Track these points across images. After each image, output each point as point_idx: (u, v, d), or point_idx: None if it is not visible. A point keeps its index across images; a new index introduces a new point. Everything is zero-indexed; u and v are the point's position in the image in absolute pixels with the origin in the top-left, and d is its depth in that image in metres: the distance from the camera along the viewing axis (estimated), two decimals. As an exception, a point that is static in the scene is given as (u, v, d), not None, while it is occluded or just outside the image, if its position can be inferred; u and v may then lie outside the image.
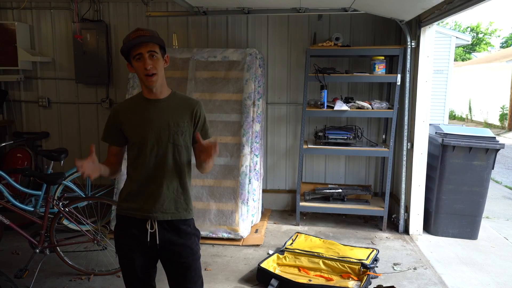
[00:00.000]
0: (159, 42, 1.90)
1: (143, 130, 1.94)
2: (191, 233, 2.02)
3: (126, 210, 1.99)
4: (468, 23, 40.09)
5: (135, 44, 1.84)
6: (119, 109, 2.01)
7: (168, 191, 1.96)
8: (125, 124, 1.97)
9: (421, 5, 3.73)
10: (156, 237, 1.94)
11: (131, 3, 5.09)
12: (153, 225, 1.94)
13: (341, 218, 4.98)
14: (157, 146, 1.94)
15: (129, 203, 1.98)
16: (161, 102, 1.98)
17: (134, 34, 1.86)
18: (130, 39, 1.85)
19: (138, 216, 1.95)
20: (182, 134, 1.97)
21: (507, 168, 8.74)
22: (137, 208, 1.95)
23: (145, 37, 1.84)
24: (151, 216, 1.94)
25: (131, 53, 1.88)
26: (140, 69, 1.87)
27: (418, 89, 4.26)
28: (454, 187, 4.28)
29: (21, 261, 3.55)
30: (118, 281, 3.38)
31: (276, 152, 5.22)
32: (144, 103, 1.98)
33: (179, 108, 1.99)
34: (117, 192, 4.30)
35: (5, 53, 5.00)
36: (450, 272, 3.61)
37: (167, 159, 1.95)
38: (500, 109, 15.50)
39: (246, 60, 4.41)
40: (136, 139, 1.96)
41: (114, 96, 5.27)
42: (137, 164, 1.98)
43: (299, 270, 3.51)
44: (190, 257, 2.00)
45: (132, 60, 1.89)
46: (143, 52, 1.85)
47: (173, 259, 1.99)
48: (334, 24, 4.93)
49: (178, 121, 1.96)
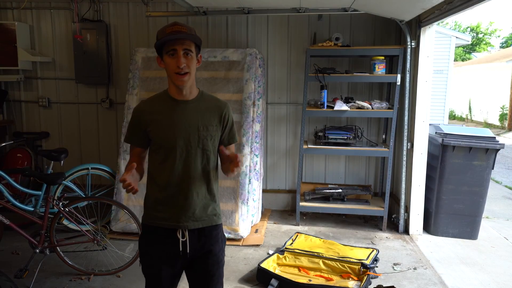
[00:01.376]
0: (196, 40, 1.79)
1: (172, 134, 1.83)
2: (219, 239, 1.96)
3: (154, 220, 1.88)
4: (468, 23, 40.12)
5: (171, 40, 1.73)
6: (144, 109, 1.88)
7: (198, 198, 1.87)
8: (151, 126, 1.85)
9: (421, 5, 3.73)
10: (187, 246, 1.86)
11: (131, 3, 5.09)
12: (184, 234, 1.85)
13: (341, 218, 4.98)
14: (186, 151, 1.83)
15: (157, 212, 1.87)
16: (190, 104, 1.86)
17: (171, 28, 1.75)
18: (166, 33, 1.74)
19: (167, 226, 1.85)
20: (211, 139, 1.88)
21: (507, 168, 8.74)
22: (166, 217, 1.84)
23: (183, 34, 1.74)
24: (181, 225, 1.85)
25: (164, 48, 1.76)
26: (172, 66, 1.76)
27: (418, 89, 4.26)
28: (454, 187, 4.28)
29: (21, 261, 3.55)
30: (118, 281, 3.39)
31: (276, 152, 5.22)
32: (172, 103, 1.86)
33: (208, 110, 1.89)
34: (117, 192, 4.30)
35: (5, 53, 4.99)
36: (450, 272, 3.61)
37: (196, 164, 1.85)
38: (500, 109, 15.50)
39: (246, 60, 4.41)
40: (163, 143, 1.85)
41: (114, 96, 5.27)
42: (163, 169, 1.86)
43: (299, 270, 3.51)
44: (216, 265, 1.94)
45: (165, 55, 1.77)
46: (178, 49, 1.74)
47: (200, 268, 1.93)
48: (334, 24, 4.93)
49: (207, 125, 1.86)
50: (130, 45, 5.14)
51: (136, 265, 3.48)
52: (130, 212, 3.52)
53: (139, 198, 4.27)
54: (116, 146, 5.17)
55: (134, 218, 3.48)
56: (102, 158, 5.34)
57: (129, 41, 5.16)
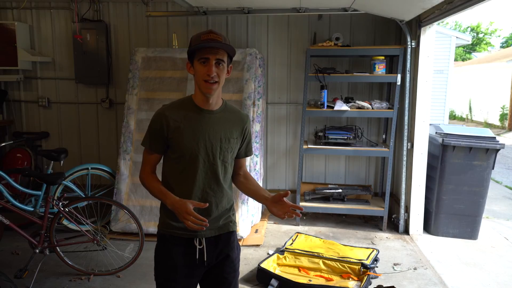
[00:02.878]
0: (230, 51, 1.75)
1: (195, 144, 1.78)
2: (235, 247, 1.95)
3: (171, 229, 1.84)
4: (468, 23, 40.13)
5: (205, 47, 1.69)
6: (168, 115, 1.80)
7: (217, 209, 1.86)
8: (174, 133, 1.79)
9: (421, 5, 3.72)
10: (204, 254, 1.83)
11: (131, 3, 5.09)
12: (201, 241, 1.83)
13: (341, 218, 4.97)
14: (208, 162, 1.81)
15: (174, 222, 1.82)
16: (215, 114, 1.83)
17: (207, 36, 1.71)
18: (201, 39, 1.70)
19: (185, 236, 1.83)
20: (231, 152, 1.86)
21: (507, 168, 8.74)
22: (184, 227, 1.77)
23: (218, 43, 1.69)
24: (199, 234, 1.82)
25: (196, 54, 1.72)
26: (202, 73, 1.72)
27: (418, 89, 4.26)
28: (454, 187, 4.27)
29: (21, 261, 3.55)
30: (118, 281, 3.38)
31: (276, 152, 5.22)
32: (196, 112, 1.81)
33: (231, 123, 1.86)
34: (117, 192, 4.30)
35: (5, 53, 4.99)
36: (450, 272, 3.60)
37: (217, 176, 1.83)
38: (500, 109, 15.50)
39: (246, 60, 4.41)
40: (185, 152, 1.79)
41: (114, 96, 5.27)
42: (183, 179, 1.82)
43: (299, 270, 3.50)
44: (232, 273, 1.92)
45: (195, 61, 1.73)
46: (211, 58, 1.70)
47: (217, 275, 1.90)
48: (334, 24, 4.92)
49: (229, 137, 1.84)
50: (130, 45, 5.13)
51: (136, 265, 3.49)
52: (130, 212, 3.52)
53: (139, 198, 4.27)
54: (116, 146, 5.17)
55: (134, 218, 3.48)
56: (102, 158, 5.34)
57: (129, 41, 5.16)
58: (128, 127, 4.44)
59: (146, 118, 4.42)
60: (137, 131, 4.43)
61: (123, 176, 4.33)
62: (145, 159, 1.89)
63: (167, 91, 4.45)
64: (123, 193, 4.30)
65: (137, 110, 4.47)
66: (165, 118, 1.79)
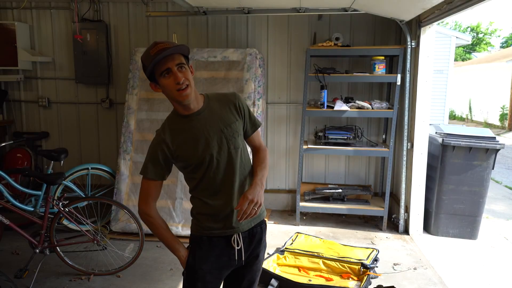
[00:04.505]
0: (184, 51, 1.71)
1: (202, 150, 1.76)
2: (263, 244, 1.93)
3: (205, 230, 1.82)
4: (468, 23, 40.13)
5: (160, 59, 1.64)
6: (165, 138, 1.77)
7: None
8: (178, 151, 1.77)
9: (421, 5, 3.72)
10: (242, 254, 1.82)
11: (131, 3, 5.09)
12: (239, 241, 1.81)
13: (341, 218, 4.98)
14: (221, 158, 1.78)
15: (208, 223, 1.82)
16: (202, 113, 1.80)
17: (155, 49, 1.64)
18: (151, 55, 1.64)
19: (221, 234, 1.81)
20: (238, 135, 1.82)
21: (507, 168, 8.74)
22: (218, 227, 1.80)
23: (169, 49, 1.63)
24: (235, 230, 1.81)
25: (156, 71, 1.67)
26: (171, 86, 1.67)
27: (418, 89, 4.26)
28: (454, 187, 4.27)
29: (21, 261, 3.55)
30: (118, 281, 3.39)
31: (276, 152, 5.22)
32: (186, 121, 1.78)
33: (222, 109, 1.83)
34: (117, 192, 4.30)
35: (5, 53, 4.99)
36: (450, 272, 3.60)
37: (234, 167, 1.80)
38: (500, 109, 15.49)
39: (246, 60, 4.41)
40: (197, 162, 1.77)
41: (114, 96, 5.27)
42: (204, 185, 1.81)
43: (299, 270, 3.50)
44: (258, 272, 1.92)
45: (159, 79, 1.68)
46: (171, 66, 1.65)
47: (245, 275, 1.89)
48: (334, 24, 4.92)
49: (229, 123, 1.81)
50: (130, 45, 5.14)
51: (136, 265, 3.50)
52: (130, 212, 3.52)
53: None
54: (116, 146, 5.17)
55: (134, 218, 3.49)
56: (102, 158, 5.34)
57: (129, 41, 5.16)
58: (128, 127, 4.44)
59: (146, 118, 4.43)
60: (137, 131, 4.43)
61: (123, 176, 4.34)
62: (146, 189, 1.81)
63: (167, 91, 4.44)
64: (123, 193, 4.30)
65: (137, 110, 4.47)
66: (165, 143, 1.77)
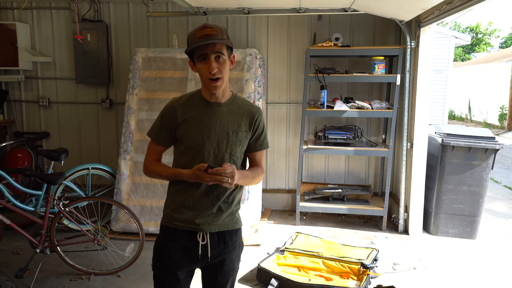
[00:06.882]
0: (227, 42, 1.73)
1: (201, 136, 1.79)
2: (237, 246, 1.93)
3: (174, 221, 1.83)
4: (467, 23, 40.15)
5: (200, 45, 1.68)
6: (177, 107, 1.82)
7: (224, 204, 1.84)
8: (182, 125, 1.81)
9: (420, 5, 3.73)
10: (208, 250, 1.82)
11: (131, 3, 5.10)
12: (205, 237, 1.82)
13: (341, 218, 4.98)
14: (213, 154, 1.80)
15: (178, 214, 1.83)
16: (222, 107, 1.82)
17: (201, 32, 1.69)
18: (196, 37, 1.69)
19: (187, 229, 1.82)
20: (240, 145, 1.84)
21: (506, 168, 8.75)
22: (187, 219, 1.81)
23: (213, 37, 1.67)
24: (202, 228, 1.81)
25: (195, 52, 1.72)
26: (204, 72, 1.72)
27: (418, 89, 4.27)
28: (454, 187, 4.28)
29: (22, 261, 3.56)
30: (118, 280, 3.39)
31: (276, 152, 5.23)
32: (204, 105, 1.82)
33: (239, 115, 1.84)
34: (117, 192, 4.31)
35: (6, 53, 5.00)
36: (449, 272, 3.61)
37: None
38: (500, 109, 15.51)
39: (246, 60, 4.42)
40: (191, 143, 1.80)
41: (114, 96, 5.27)
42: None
43: (299, 270, 3.51)
44: (231, 272, 1.92)
45: (196, 60, 1.73)
46: (209, 53, 1.69)
47: (215, 274, 1.91)
48: (334, 24, 4.93)
49: (237, 130, 1.82)
50: (130, 45, 5.14)
51: (136, 265, 3.50)
52: (130, 212, 3.52)
53: (139, 197, 4.28)
54: (116, 146, 5.18)
55: (134, 218, 3.49)
56: (102, 158, 5.34)
57: (129, 41, 5.16)
58: (129, 127, 4.45)
59: (146, 118, 4.43)
60: (138, 131, 4.44)
61: (124, 176, 4.34)
62: (150, 149, 1.90)
63: (167, 91, 4.45)
64: (123, 193, 4.31)
65: (137, 110, 4.48)
66: (174, 110, 1.82)
